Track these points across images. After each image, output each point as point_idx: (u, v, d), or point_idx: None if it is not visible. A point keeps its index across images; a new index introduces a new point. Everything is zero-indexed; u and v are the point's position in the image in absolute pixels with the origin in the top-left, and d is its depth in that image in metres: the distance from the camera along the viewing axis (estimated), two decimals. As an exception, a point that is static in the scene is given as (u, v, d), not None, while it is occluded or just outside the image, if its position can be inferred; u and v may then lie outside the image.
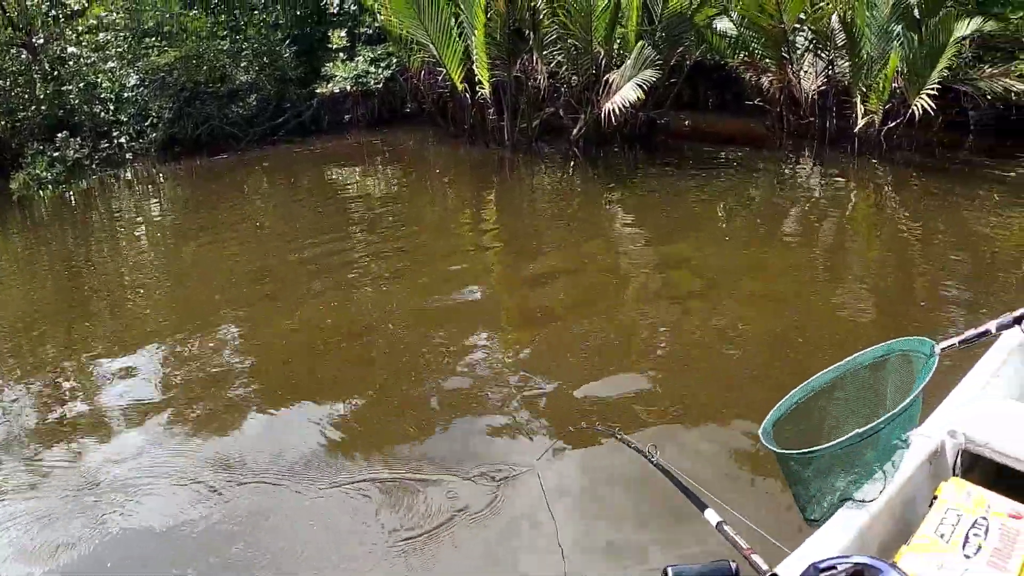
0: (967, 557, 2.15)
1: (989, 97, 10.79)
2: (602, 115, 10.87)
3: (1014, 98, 10.49)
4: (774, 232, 8.81)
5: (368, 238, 8.79)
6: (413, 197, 10.86)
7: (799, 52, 11.49)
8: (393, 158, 12.95)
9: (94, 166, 12.42)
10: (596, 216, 9.62)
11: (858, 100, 10.68)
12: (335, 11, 13.74)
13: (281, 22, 13.73)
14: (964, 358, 3.08)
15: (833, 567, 1.56)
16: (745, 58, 11.96)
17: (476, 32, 11.23)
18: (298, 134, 13.70)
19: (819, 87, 11.55)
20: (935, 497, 2.42)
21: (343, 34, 13.57)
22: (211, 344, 6.28)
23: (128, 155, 12.75)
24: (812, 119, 11.70)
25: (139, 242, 9.41)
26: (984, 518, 2.29)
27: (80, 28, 12.64)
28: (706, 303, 6.77)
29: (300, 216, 9.96)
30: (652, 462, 2.83)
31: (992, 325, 2.79)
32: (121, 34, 12.75)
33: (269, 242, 8.88)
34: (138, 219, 10.30)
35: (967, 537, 2.22)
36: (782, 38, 11.22)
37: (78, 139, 12.39)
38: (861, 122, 10.61)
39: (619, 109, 10.64)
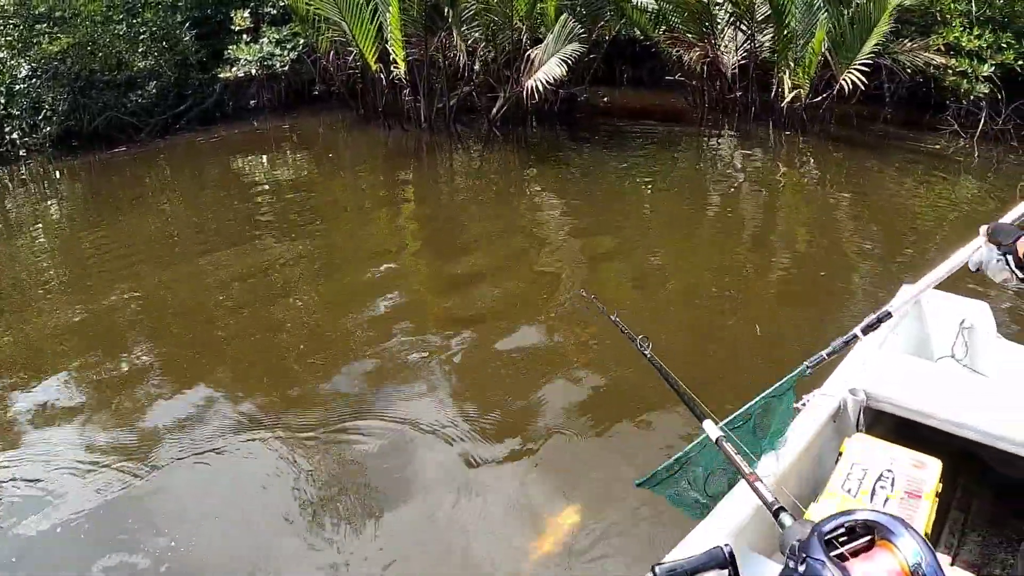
0: None
1: (909, 71, 11.08)
2: (525, 92, 10.84)
3: (932, 71, 10.77)
4: (697, 205, 8.99)
5: (279, 233, 8.64)
6: (327, 187, 10.73)
7: (720, 26, 11.65)
8: (303, 145, 12.73)
9: (-17, 164, 12.00)
10: (519, 196, 9.67)
11: (786, 75, 10.86)
12: (237, -9, 13.45)
13: (180, 4, 13.36)
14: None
15: (840, 525, 1.44)
16: (665, 32, 12.07)
17: (391, 8, 11.04)
18: (201, 122, 13.38)
19: (740, 61, 11.75)
20: (840, 454, 2.53)
21: (246, 14, 13.30)
22: (116, 343, 6.20)
23: (22, 151, 12.33)
24: (734, 93, 11.90)
25: (37, 246, 9.09)
26: (889, 470, 2.39)
27: (-36, 16, 12.18)
28: (630, 275, 6.90)
29: (206, 213, 9.76)
30: (645, 354, 2.60)
31: (857, 330, 2.71)
32: (11, 22, 12.26)
33: (176, 242, 8.67)
34: (36, 222, 9.96)
35: (874, 490, 2.32)
36: (703, 12, 11.37)
37: (-35, 136, 11.95)
38: (788, 96, 10.80)
39: (542, 86, 10.62)
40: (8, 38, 12.30)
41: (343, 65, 12.83)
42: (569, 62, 10.63)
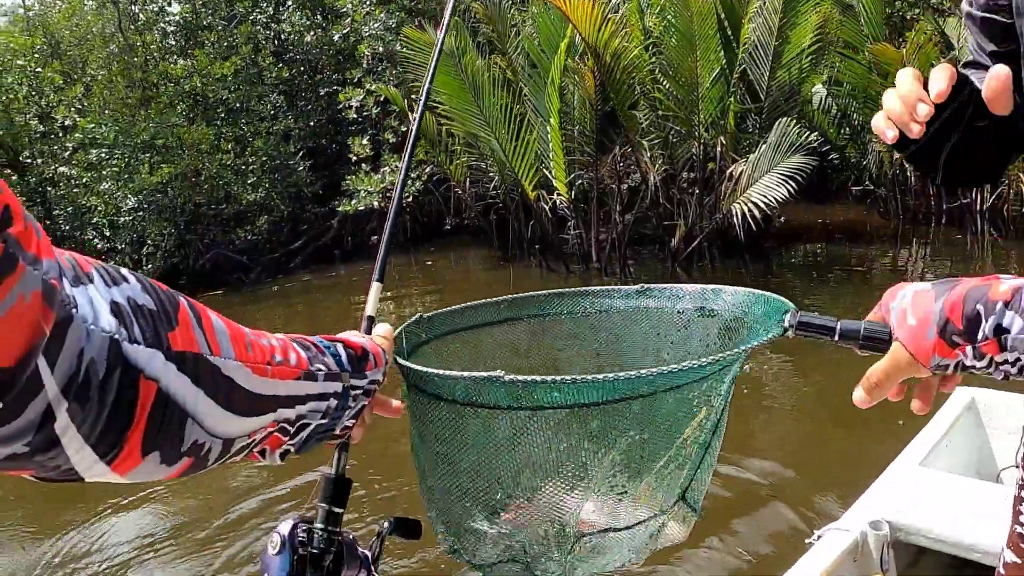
0: None
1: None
2: (736, 217, 9.45)
3: None
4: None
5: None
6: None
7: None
8: (440, 290, 11.65)
9: (85, 302, 11.02)
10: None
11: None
12: (354, 118, 12.92)
13: (293, 132, 12.85)
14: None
15: None
16: (847, 133, 11.80)
17: (551, 121, 9.96)
18: (317, 260, 12.67)
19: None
20: None
21: (365, 142, 12.76)
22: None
23: (126, 289, 11.43)
24: (933, 200, 11.65)
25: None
26: None
27: (69, 145, 11.53)
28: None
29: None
30: None
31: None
32: (116, 151, 11.60)
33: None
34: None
35: None
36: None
37: (66, 271, 11.04)
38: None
39: (760, 209, 9.14)
40: (113, 168, 11.58)
41: (481, 194, 12.21)
42: (800, 178, 9.06)
